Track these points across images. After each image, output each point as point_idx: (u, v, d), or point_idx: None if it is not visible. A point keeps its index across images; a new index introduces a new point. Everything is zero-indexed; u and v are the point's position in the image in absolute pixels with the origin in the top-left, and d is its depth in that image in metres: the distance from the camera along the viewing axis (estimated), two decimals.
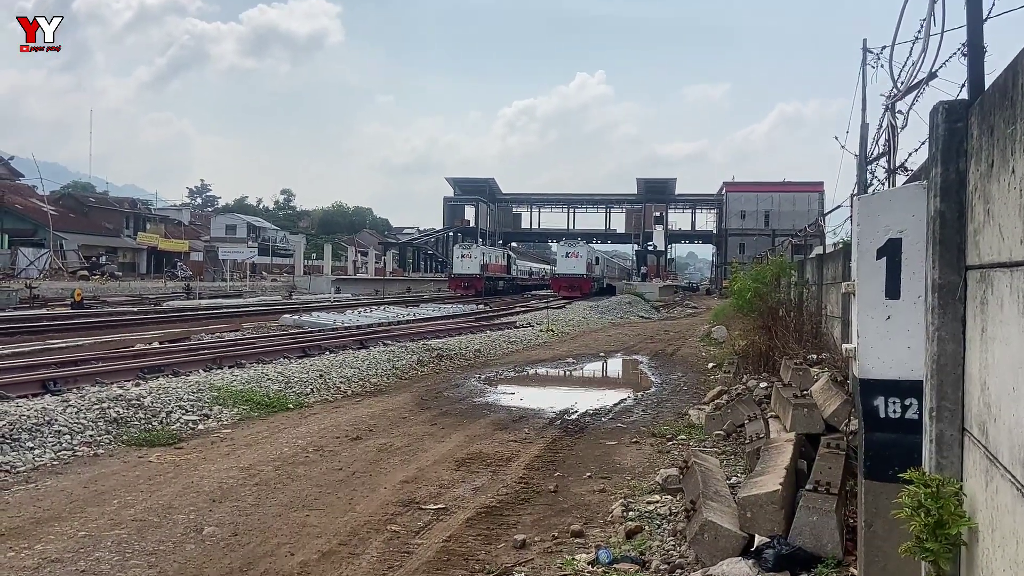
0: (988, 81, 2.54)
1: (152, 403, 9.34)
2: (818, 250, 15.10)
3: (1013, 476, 1.92)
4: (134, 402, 9.19)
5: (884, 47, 8.10)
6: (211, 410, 9.70)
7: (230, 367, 12.86)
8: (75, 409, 8.61)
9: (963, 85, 3.43)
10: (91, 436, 8.14)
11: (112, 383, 10.62)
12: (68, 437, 7.98)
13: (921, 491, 2.43)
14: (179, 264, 63.37)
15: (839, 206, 13.85)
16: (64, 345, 16.47)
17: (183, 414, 9.35)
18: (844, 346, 3.54)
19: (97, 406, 8.81)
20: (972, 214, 2.42)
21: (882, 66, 7.64)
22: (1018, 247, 1.89)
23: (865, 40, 11.44)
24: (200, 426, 9.13)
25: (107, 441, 8.15)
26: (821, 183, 71.06)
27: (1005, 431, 1.98)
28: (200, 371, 12.30)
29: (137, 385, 10.47)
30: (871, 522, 3.39)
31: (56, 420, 8.20)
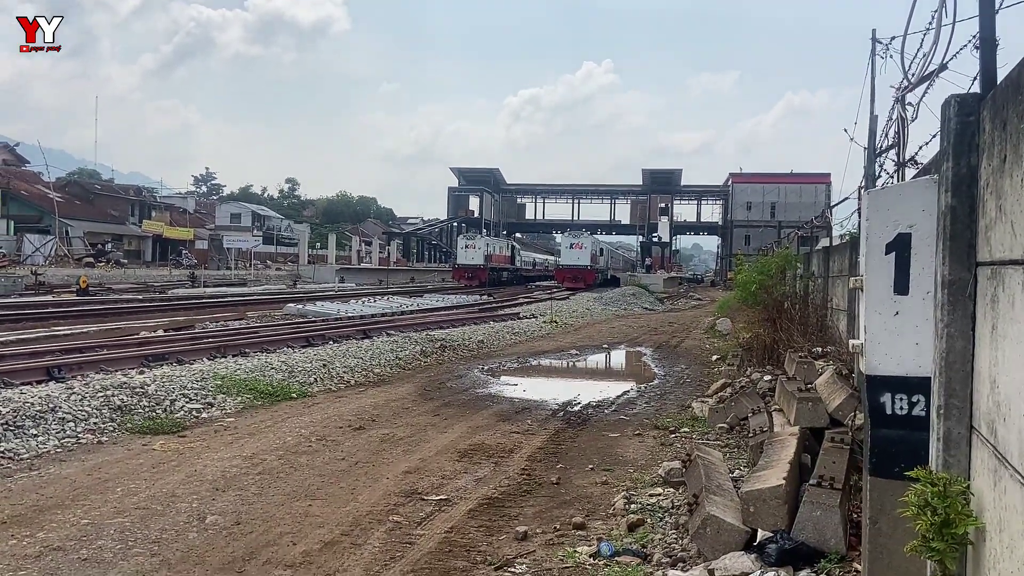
0: (1001, 75, 2.50)
1: (156, 391, 9.35)
2: (824, 242, 15.03)
3: (1022, 476, 1.89)
4: (138, 390, 9.21)
5: (894, 38, 8.04)
6: (215, 399, 9.71)
7: (234, 356, 12.87)
8: (79, 396, 8.63)
9: (975, 78, 3.38)
10: (95, 423, 8.16)
11: (116, 370, 10.64)
12: (72, 424, 8.00)
13: (928, 489, 2.40)
14: (184, 252, 63.46)
15: (846, 198, 13.77)
16: (69, 332, 16.51)
17: (187, 402, 9.36)
18: (851, 342, 3.51)
19: (101, 393, 8.82)
20: (984, 210, 2.38)
21: (891, 57, 7.59)
22: None
23: (874, 30, 11.33)
24: (204, 414, 9.14)
25: (111, 429, 8.17)
26: (828, 175, 70.79)
27: (1015, 431, 1.95)
28: (204, 359, 12.31)
29: (141, 373, 10.49)
30: (876, 519, 3.37)
31: (60, 407, 8.22)
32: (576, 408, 10.50)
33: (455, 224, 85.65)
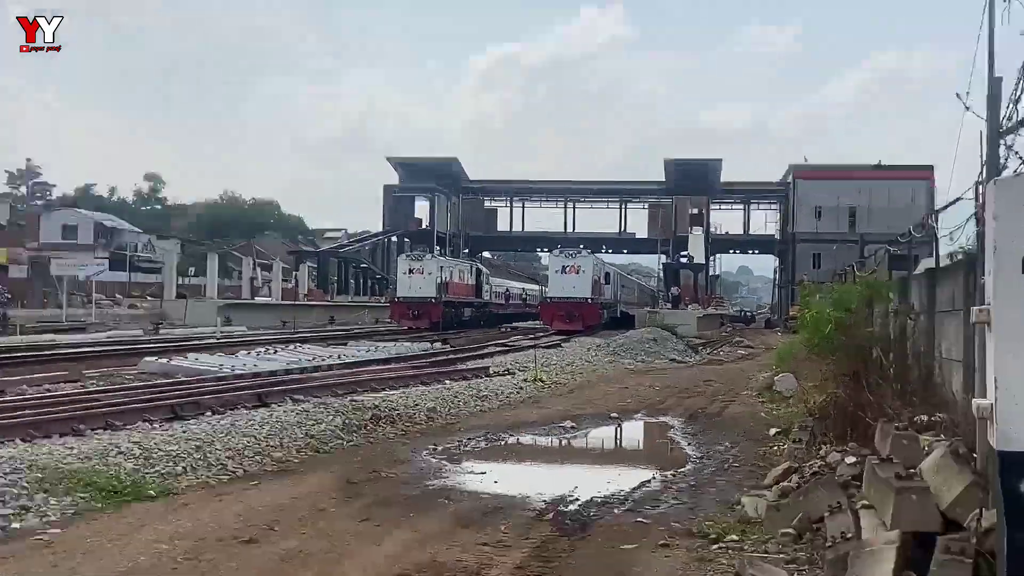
0: None
1: None
2: (928, 263, 15.18)
3: None
4: None
5: None
6: (31, 500, 9.49)
7: (63, 436, 12.65)
8: None
9: None
10: None
11: None
12: None
13: None
14: None
15: (958, 199, 13.89)
16: None
17: None
18: (975, 402, 3.47)
19: None
20: None
21: None
22: None
23: None
24: (14, 525, 8.90)
25: None
26: (931, 168, 72.08)
27: None
28: (17, 442, 12.06)
29: None
30: None
31: None
32: (573, 507, 10.41)
33: (394, 239, 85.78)
